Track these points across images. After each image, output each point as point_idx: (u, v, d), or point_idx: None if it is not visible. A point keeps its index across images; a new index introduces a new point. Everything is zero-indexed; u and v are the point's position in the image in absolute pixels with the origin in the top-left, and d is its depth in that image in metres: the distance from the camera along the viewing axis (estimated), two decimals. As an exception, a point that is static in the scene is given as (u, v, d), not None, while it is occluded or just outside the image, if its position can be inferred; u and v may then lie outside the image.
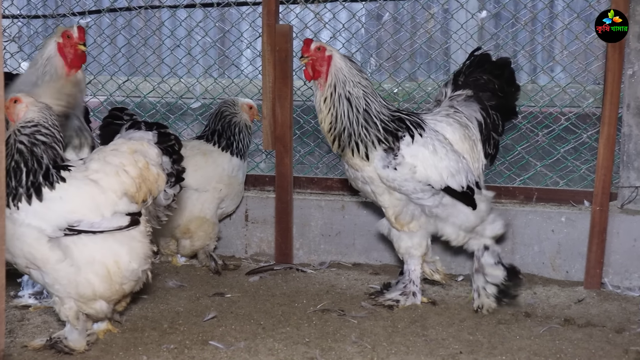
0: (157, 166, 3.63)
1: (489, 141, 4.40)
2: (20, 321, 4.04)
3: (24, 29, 7.48)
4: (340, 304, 4.44)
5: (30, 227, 3.38)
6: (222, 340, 3.80)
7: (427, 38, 6.52)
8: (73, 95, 4.12)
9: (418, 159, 4.10)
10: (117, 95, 6.94)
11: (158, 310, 4.29)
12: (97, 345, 3.68)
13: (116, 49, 7.12)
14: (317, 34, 6.71)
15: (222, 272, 5.13)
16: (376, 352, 3.68)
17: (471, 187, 4.21)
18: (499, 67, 4.45)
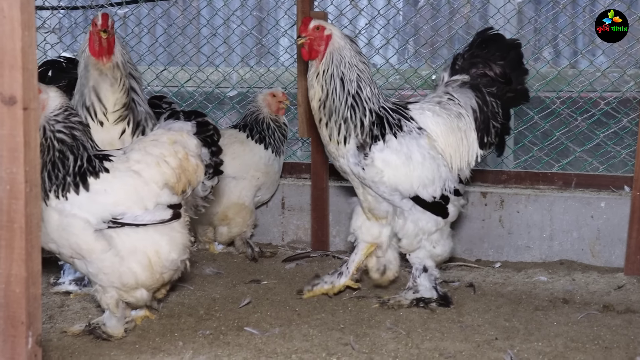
0: (197, 157, 3.65)
1: (487, 130, 4.20)
2: (60, 307, 4.11)
3: (63, 20, 7.58)
4: (375, 290, 4.44)
5: (77, 217, 3.42)
6: (257, 326, 3.83)
7: (464, 23, 6.47)
8: (119, 78, 4.14)
9: (388, 166, 3.94)
10: (155, 85, 7.00)
11: (195, 297, 4.33)
12: (134, 331, 3.72)
13: (154, 38, 7.17)
14: (352, 20, 6.69)
15: (259, 259, 5.16)
16: (411, 338, 3.67)
17: (446, 195, 4.05)
18: (501, 50, 4.23)
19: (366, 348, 3.54)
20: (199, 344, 3.58)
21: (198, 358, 3.38)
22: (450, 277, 4.74)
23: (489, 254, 5.17)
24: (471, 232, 5.21)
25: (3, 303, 2.55)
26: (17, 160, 2.50)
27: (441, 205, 4.05)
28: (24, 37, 2.43)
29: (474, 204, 5.21)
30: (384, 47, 6.62)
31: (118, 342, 3.59)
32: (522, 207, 5.14)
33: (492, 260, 5.12)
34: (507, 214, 5.16)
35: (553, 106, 5.74)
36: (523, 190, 5.28)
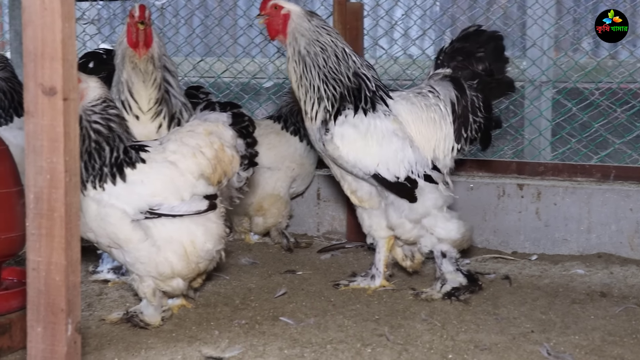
0: (232, 148, 3.67)
1: (466, 124, 4.13)
2: (98, 295, 4.16)
3: (102, 11, 7.65)
4: (410, 281, 4.43)
5: (114, 207, 3.46)
6: (292, 316, 3.84)
7: (501, 14, 6.42)
8: (151, 72, 4.16)
9: (345, 140, 3.95)
10: (191, 76, 7.04)
11: (231, 286, 4.36)
12: (170, 320, 3.76)
13: (191, 29, 7.21)
14: (389, 11, 6.66)
15: (294, 250, 5.18)
16: (446, 329, 3.67)
17: (413, 178, 4.01)
18: (481, 42, 4.17)
19: (401, 339, 3.54)
20: (234, 333, 3.60)
21: (234, 347, 3.41)
22: (486, 269, 4.72)
23: (525, 247, 5.13)
24: (507, 224, 5.18)
25: (43, 290, 2.59)
26: (57, 150, 2.54)
27: (406, 188, 4.01)
28: (64, 29, 2.46)
29: (510, 196, 5.18)
30: (421, 38, 6.59)
31: (155, 331, 3.62)
32: (560, 199, 5.09)
33: (528, 253, 5.08)
34: (544, 206, 5.11)
35: (592, 97, 5.68)
36: (560, 182, 5.23)
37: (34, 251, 2.60)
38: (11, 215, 3.29)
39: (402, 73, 6.39)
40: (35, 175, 2.57)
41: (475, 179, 5.37)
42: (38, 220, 2.58)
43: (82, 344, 2.72)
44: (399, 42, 6.73)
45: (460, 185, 5.30)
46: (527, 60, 6.33)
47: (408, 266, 4.34)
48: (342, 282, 4.32)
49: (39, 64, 2.49)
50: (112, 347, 3.40)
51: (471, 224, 4.27)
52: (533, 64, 6.09)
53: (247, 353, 3.35)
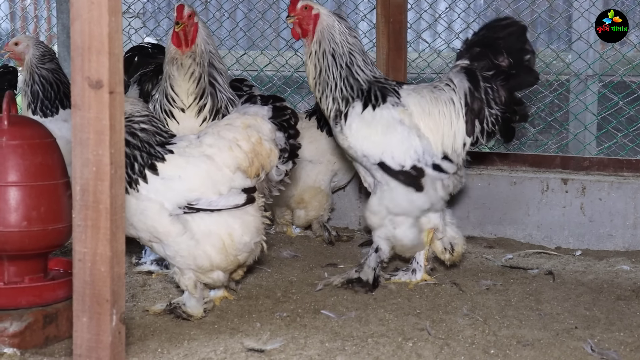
0: (270, 141, 3.67)
1: (480, 117, 4.06)
2: (142, 286, 4.21)
3: (147, 5, 7.73)
4: (452, 276, 4.41)
5: (152, 201, 3.49)
6: (333, 309, 3.85)
7: (547, 6, 6.34)
8: (188, 67, 4.19)
9: (352, 130, 4.03)
10: (234, 69, 7.08)
11: (272, 279, 4.38)
12: (213, 312, 3.79)
13: (234, 23, 7.25)
14: (432, 4, 6.62)
15: (336, 243, 5.18)
16: (488, 324, 3.64)
17: (420, 167, 4.01)
18: (500, 31, 4.07)
19: (442, 334, 3.53)
20: (276, 326, 3.62)
21: (275, 339, 3.42)
22: (529, 264, 4.68)
23: (569, 242, 5.07)
24: (551, 219, 5.12)
25: (89, 281, 2.64)
26: (103, 142, 2.58)
27: (412, 176, 4.02)
28: (111, 23, 2.50)
29: (554, 191, 5.13)
30: (464, 31, 6.54)
31: (197, 322, 3.65)
32: (605, 194, 5.02)
33: (572, 248, 5.02)
34: (588, 201, 5.05)
35: (639, 91, 5.59)
36: (606, 177, 5.16)
37: (80, 242, 2.65)
38: (58, 206, 3.34)
39: (445, 66, 6.35)
40: (82, 168, 2.61)
41: (518, 173, 5.32)
42: (84, 211, 2.63)
43: (126, 335, 2.76)
44: (443, 35, 6.69)
45: (503, 180, 5.27)
46: (572, 53, 6.25)
47: (447, 259, 4.33)
48: (384, 275, 4.32)
49: (86, 58, 2.53)
50: (156, 338, 3.44)
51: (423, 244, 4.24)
52: (579, 57, 6.01)
53: (288, 346, 3.36)
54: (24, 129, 3.35)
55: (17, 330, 3.20)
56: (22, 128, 3.36)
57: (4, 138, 3.27)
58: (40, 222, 3.28)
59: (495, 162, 5.46)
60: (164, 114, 4.22)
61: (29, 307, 3.29)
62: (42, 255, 3.44)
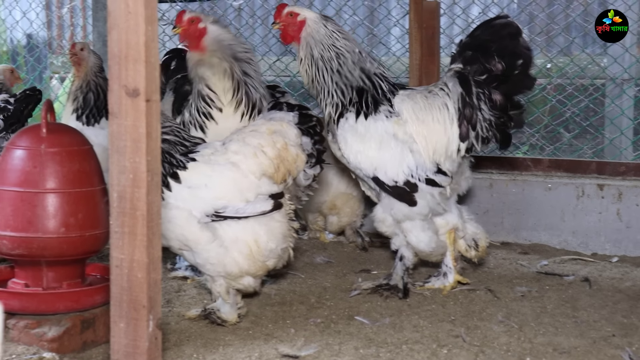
0: (297, 147, 3.68)
1: (473, 123, 3.96)
2: (177, 292, 4.23)
3: (181, 12, 7.77)
4: (487, 282, 4.39)
5: (180, 209, 3.52)
6: (367, 315, 3.85)
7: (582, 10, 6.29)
8: (217, 65, 4.22)
9: (345, 143, 4.01)
10: (267, 75, 7.10)
11: (306, 285, 4.39)
12: (247, 318, 3.81)
13: (267, 29, 7.28)
14: (465, 9, 6.60)
15: (369, 249, 5.17)
16: (523, 332, 3.62)
17: (413, 183, 3.97)
18: (493, 34, 3.94)
19: (477, 341, 3.51)
20: (310, 332, 3.63)
21: (310, 346, 3.43)
22: (565, 270, 4.64)
23: (605, 248, 5.02)
24: (587, 225, 5.07)
25: (126, 287, 2.66)
26: (140, 150, 2.60)
27: (405, 192, 3.99)
28: (147, 32, 2.52)
29: (589, 196, 5.08)
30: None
31: (232, 328, 3.67)
32: (642, 200, 4.97)
33: (608, 255, 4.97)
34: (625, 207, 5.00)
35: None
36: (643, 182, 5.10)
37: (117, 249, 2.67)
38: (95, 213, 3.38)
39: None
40: (119, 175, 2.64)
41: (553, 179, 5.28)
42: (121, 218, 2.65)
43: (162, 340, 2.78)
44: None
45: (537, 185, 5.23)
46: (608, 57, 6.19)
47: (473, 256, 4.30)
48: (417, 283, 4.30)
49: (123, 66, 2.56)
50: (191, 344, 3.46)
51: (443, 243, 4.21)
52: (615, 62, 5.95)
53: (322, 352, 3.37)
54: (62, 137, 3.40)
55: (56, 335, 3.24)
56: (60, 135, 3.40)
57: (42, 145, 3.32)
58: (78, 229, 3.32)
59: (529, 167, 5.43)
60: (203, 117, 4.25)
61: (67, 312, 3.34)
62: (80, 261, 3.48)
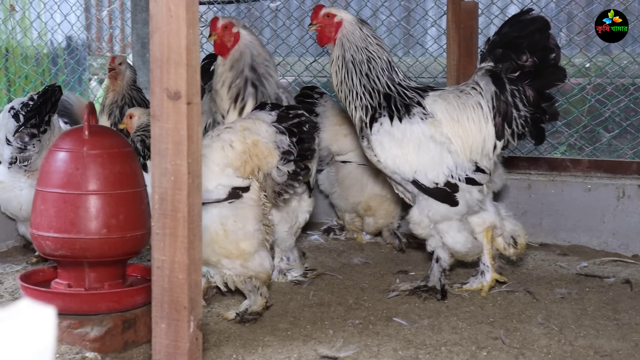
0: (270, 144, 3.76)
1: (509, 120, 3.95)
2: (215, 292, 4.26)
3: (218, 14, 7.83)
4: (525, 284, 4.36)
5: None
6: (405, 317, 3.85)
7: (622, 9, 6.22)
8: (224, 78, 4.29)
9: (382, 149, 4.00)
10: (304, 76, 7.12)
11: (344, 286, 4.40)
12: (286, 318, 3.82)
13: (304, 30, 7.30)
14: (503, 9, 6.56)
15: (407, 250, 5.17)
16: (563, 334, 3.59)
17: (453, 183, 3.96)
18: (521, 29, 3.90)
19: (517, 343, 3.49)
20: (348, 333, 3.63)
21: (348, 347, 3.43)
22: (605, 272, 4.59)
23: (646, 250, 4.97)
24: (627, 226, 5.02)
25: (167, 288, 2.68)
26: (181, 152, 2.62)
27: (446, 193, 3.97)
28: (189, 35, 2.54)
29: (630, 197, 5.03)
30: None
31: (271, 329, 3.69)
32: (684, 201, 4.90)
33: (653, 256, 4.93)
34: (667, 208, 4.94)
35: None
36: (685, 183, 5.03)
37: (158, 250, 2.70)
38: (136, 214, 3.42)
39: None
40: (160, 177, 2.66)
41: (592, 179, 5.24)
42: (162, 220, 2.67)
43: (202, 340, 2.80)
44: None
45: (577, 186, 5.19)
46: (648, 56, 6.12)
47: (512, 254, 4.27)
48: (455, 285, 4.29)
49: (164, 70, 2.58)
50: (230, 344, 3.48)
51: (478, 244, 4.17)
52: (655, 61, 5.88)
53: (361, 353, 3.37)
54: (103, 139, 3.45)
55: (98, 335, 3.28)
56: (101, 138, 3.45)
57: (84, 148, 3.37)
58: (119, 230, 3.36)
59: (568, 168, 5.38)
60: (220, 117, 4.33)
61: (108, 312, 3.38)
62: (121, 262, 3.52)
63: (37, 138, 4.58)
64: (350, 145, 5.16)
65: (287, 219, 4.40)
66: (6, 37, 7.48)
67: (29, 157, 4.59)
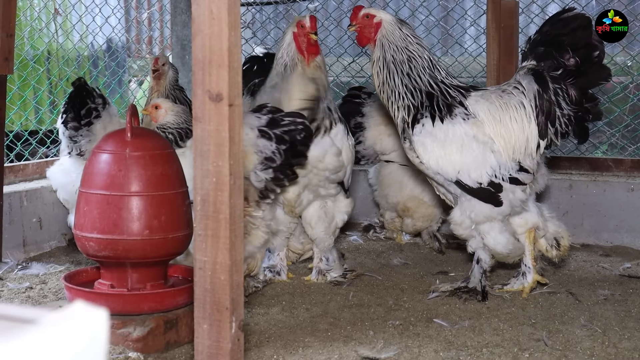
0: (249, 147, 3.79)
1: (552, 119, 3.90)
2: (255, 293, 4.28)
3: (257, 15, 7.87)
4: (567, 285, 4.32)
5: None
6: (446, 318, 3.83)
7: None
8: (316, 80, 4.24)
9: (425, 149, 3.97)
10: (343, 76, 7.12)
11: (383, 286, 4.39)
12: (325, 319, 3.83)
13: (342, 31, 7.30)
14: (544, 8, 6.50)
15: (446, 251, 5.14)
16: (607, 336, 3.55)
17: (497, 183, 3.92)
18: (563, 27, 3.87)
19: (559, 345, 3.46)
20: (389, 334, 3.63)
21: (389, 348, 3.43)
22: (649, 274, 4.54)
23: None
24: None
25: (209, 289, 2.70)
26: (223, 154, 2.64)
27: (490, 192, 3.94)
28: (230, 37, 2.56)
29: (674, 198, 4.95)
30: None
31: (311, 329, 3.69)
32: None
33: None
34: None
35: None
36: None
37: (200, 251, 2.72)
38: (177, 215, 3.44)
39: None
40: (202, 179, 2.68)
41: (636, 179, 5.17)
42: (204, 221, 2.69)
43: (244, 341, 2.81)
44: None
45: (619, 186, 5.13)
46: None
47: (554, 256, 4.23)
48: (495, 286, 4.26)
49: (206, 72, 2.60)
50: (271, 345, 3.50)
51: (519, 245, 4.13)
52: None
53: (402, 354, 3.36)
54: (145, 141, 3.48)
55: (141, 335, 3.32)
56: (144, 140, 3.48)
57: (127, 149, 3.40)
58: (161, 231, 3.39)
59: (610, 168, 5.32)
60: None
61: (150, 312, 3.41)
62: (163, 263, 3.55)
63: (83, 129, 4.76)
64: (393, 145, 5.16)
65: (324, 219, 4.41)
66: (48, 41, 7.59)
67: (81, 147, 4.78)
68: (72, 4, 7.73)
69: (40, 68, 7.39)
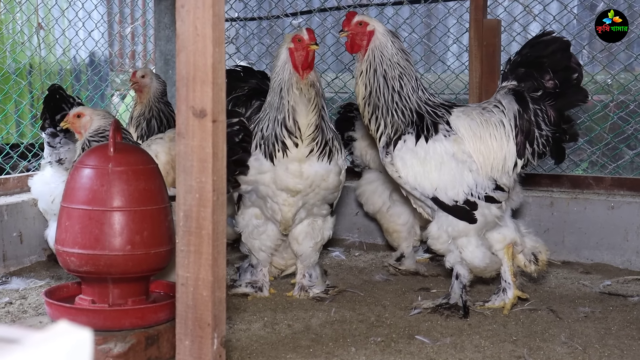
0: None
1: (530, 139, 3.96)
2: (237, 309, 4.27)
3: (240, 30, 7.88)
4: (548, 302, 4.34)
5: None
6: (428, 334, 3.83)
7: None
8: (313, 97, 4.15)
9: (404, 165, 3.99)
10: (326, 92, 7.13)
11: (365, 303, 4.39)
12: (307, 335, 3.82)
13: (326, 47, 7.33)
14: (526, 27, 6.56)
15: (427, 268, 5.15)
16: (587, 354, 3.57)
17: (472, 201, 3.96)
18: (543, 49, 3.93)
19: (540, 362, 3.47)
20: (370, 351, 3.63)
21: (370, 364, 3.43)
22: (629, 291, 4.56)
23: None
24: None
25: (191, 305, 2.69)
26: (206, 170, 2.64)
27: (465, 210, 3.97)
28: (215, 54, 2.56)
29: (654, 216, 4.99)
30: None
31: (293, 346, 3.69)
32: None
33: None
34: (691, 227, 4.89)
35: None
36: None
37: (183, 267, 2.71)
38: (160, 231, 3.44)
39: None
40: (185, 194, 2.67)
41: (616, 197, 5.21)
42: (187, 237, 2.69)
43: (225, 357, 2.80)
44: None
45: (600, 204, 5.16)
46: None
47: (533, 270, 4.25)
48: (477, 302, 4.27)
49: (190, 88, 2.60)
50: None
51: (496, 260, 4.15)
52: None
53: (384, 371, 3.36)
54: (128, 156, 3.47)
55: (121, 351, 3.30)
56: (126, 155, 3.47)
57: (109, 164, 3.39)
58: (143, 246, 3.38)
59: (591, 185, 5.36)
60: (279, 144, 4.16)
61: (132, 328, 3.39)
62: (144, 278, 3.54)
63: (61, 136, 4.74)
64: (376, 158, 5.16)
65: (312, 236, 4.42)
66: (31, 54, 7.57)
67: (60, 154, 4.76)
68: (55, 18, 7.72)
69: (23, 81, 7.37)
